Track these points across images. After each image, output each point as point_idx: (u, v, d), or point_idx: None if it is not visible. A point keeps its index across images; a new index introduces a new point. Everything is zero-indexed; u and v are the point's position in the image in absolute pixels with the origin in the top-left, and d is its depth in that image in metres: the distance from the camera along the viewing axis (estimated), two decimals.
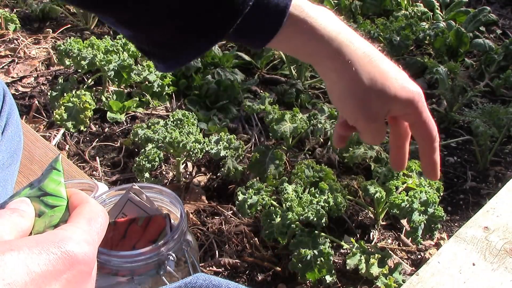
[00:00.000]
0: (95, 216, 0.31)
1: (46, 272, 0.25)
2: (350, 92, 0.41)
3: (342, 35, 0.40)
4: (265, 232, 0.90)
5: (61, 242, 0.27)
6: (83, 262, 0.27)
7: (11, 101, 0.67)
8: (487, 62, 1.62)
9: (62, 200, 0.33)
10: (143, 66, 1.42)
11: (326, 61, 0.41)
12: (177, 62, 0.42)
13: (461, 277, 0.83)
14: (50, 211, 0.32)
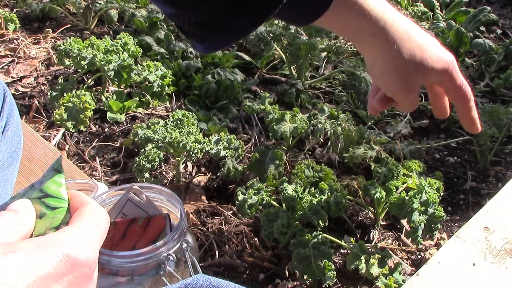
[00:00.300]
0: (96, 218, 0.31)
1: (48, 274, 0.25)
2: (392, 67, 0.44)
3: (387, 14, 0.44)
4: (265, 232, 0.90)
5: (63, 245, 0.27)
6: (84, 265, 0.27)
7: (11, 101, 0.67)
8: (487, 62, 1.62)
9: (63, 201, 0.33)
10: (143, 66, 1.41)
11: (370, 39, 0.44)
12: (216, 43, 0.42)
13: (461, 277, 0.83)
14: (51, 213, 0.32)
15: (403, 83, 0.46)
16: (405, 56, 0.44)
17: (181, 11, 0.41)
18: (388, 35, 0.44)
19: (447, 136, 1.37)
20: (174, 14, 0.42)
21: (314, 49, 1.44)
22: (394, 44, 0.44)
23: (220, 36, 0.41)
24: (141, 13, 1.79)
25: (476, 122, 0.53)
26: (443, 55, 0.47)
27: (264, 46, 1.50)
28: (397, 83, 0.46)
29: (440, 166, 1.26)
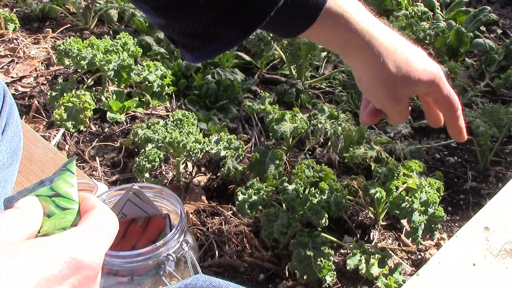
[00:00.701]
0: (104, 221, 0.30)
1: (51, 276, 0.25)
2: (378, 80, 0.45)
3: (373, 28, 0.44)
4: (265, 232, 0.90)
5: (68, 247, 0.27)
6: (88, 267, 0.27)
7: (11, 101, 0.67)
8: (487, 62, 1.62)
9: (74, 203, 0.33)
10: (143, 66, 1.41)
11: (357, 52, 0.45)
12: (205, 54, 0.43)
13: (461, 277, 0.83)
14: (61, 213, 0.32)
15: (390, 95, 0.47)
16: (391, 69, 0.45)
17: (172, 22, 0.41)
18: (374, 49, 0.44)
19: (447, 136, 1.37)
20: (164, 24, 0.42)
21: (314, 49, 1.44)
22: (380, 57, 0.44)
23: (210, 47, 0.42)
24: (141, 13, 1.79)
25: (463, 131, 0.54)
26: (429, 67, 0.48)
27: (264, 46, 1.50)
28: (385, 94, 0.47)
29: (440, 166, 1.26)
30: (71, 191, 0.33)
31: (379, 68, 0.45)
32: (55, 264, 0.25)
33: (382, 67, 0.45)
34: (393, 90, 0.46)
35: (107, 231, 0.30)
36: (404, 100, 0.48)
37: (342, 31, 0.43)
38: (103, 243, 0.29)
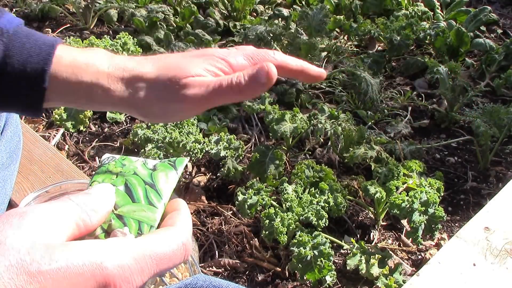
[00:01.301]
0: (167, 245, 0.28)
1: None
2: (164, 93, 0.39)
3: (110, 66, 0.39)
4: (265, 232, 0.89)
5: (104, 259, 0.25)
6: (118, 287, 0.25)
7: None
8: (487, 62, 1.62)
9: (161, 202, 0.32)
10: None
11: (115, 94, 0.39)
12: None
13: (461, 277, 0.83)
14: (146, 206, 0.31)
15: (186, 95, 0.38)
16: (161, 79, 0.38)
17: None
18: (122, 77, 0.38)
19: (447, 136, 1.37)
20: None
21: (314, 49, 1.43)
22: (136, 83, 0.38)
23: None
24: (141, 13, 1.79)
25: (312, 68, 0.46)
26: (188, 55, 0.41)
27: (264, 45, 1.50)
28: (184, 97, 0.38)
29: (440, 166, 1.26)
30: (166, 189, 0.32)
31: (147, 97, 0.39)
32: (84, 280, 0.25)
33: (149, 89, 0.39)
34: (180, 91, 0.38)
35: (164, 258, 0.27)
36: (202, 75, 0.39)
37: (92, 81, 0.38)
38: (150, 269, 0.27)
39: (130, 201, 0.31)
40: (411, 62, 1.64)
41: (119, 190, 0.31)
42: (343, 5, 1.99)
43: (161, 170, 0.33)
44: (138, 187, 0.32)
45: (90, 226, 0.28)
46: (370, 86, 1.38)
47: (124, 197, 0.31)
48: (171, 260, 0.28)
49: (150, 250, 0.27)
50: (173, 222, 0.30)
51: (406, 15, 1.87)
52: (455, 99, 1.39)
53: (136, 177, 0.33)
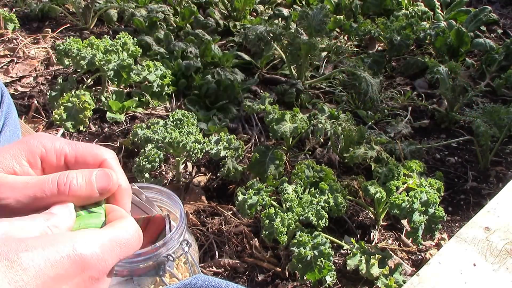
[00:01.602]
0: (126, 233, 0.30)
1: (57, 275, 0.25)
2: None
3: None
4: (265, 232, 0.89)
5: (76, 244, 0.27)
6: (94, 269, 0.27)
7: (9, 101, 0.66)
8: (488, 62, 1.62)
9: (100, 208, 0.33)
10: (143, 66, 1.41)
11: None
12: None
13: (461, 277, 0.83)
14: (87, 215, 0.32)
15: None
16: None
17: None
18: None
19: (447, 136, 1.37)
20: None
21: (314, 49, 1.43)
22: None
23: None
24: (141, 13, 1.79)
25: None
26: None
27: (264, 45, 1.50)
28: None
29: (440, 166, 1.26)
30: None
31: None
32: (63, 263, 0.26)
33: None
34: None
35: (125, 243, 0.30)
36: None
37: None
38: (116, 252, 0.29)
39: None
40: (411, 62, 1.64)
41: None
42: (343, 5, 1.99)
43: None
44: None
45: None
46: (370, 86, 1.37)
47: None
48: (131, 244, 0.31)
49: (113, 235, 0.30)
50: (121, 216, 0.32)
51: (406, 15, 1.87)
52: (455, 99, 1.39)
53: None
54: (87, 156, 0.34)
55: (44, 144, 0.33)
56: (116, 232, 0.30)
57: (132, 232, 0.31)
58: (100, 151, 0.34)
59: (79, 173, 0.32)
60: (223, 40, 1.80)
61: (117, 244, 0.29)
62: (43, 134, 0.34)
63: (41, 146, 0.33)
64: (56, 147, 0.34)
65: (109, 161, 0.34)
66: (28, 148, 0.33)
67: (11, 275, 0.24)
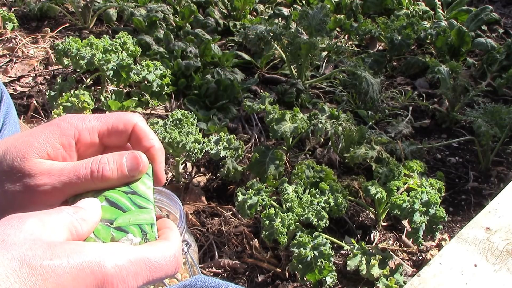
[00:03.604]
0: (159, 255, 0.29)
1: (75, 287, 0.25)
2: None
3: None
4: (265, 233, 0.89)
5: (103, 261, 0.26)
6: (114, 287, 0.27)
7: (8, 100, 0.66)
8: (489, 62, 1.61)
9: (150, 203, 0.33)
10: (142, 66, 1.41)
11: None
12: None
13: (462, 278, 0.82)
14: (138, 210, 0.32)
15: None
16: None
17: None
18: None
19: (448, 136, 1.36)
20: None
21: (315, 49, 1.43)
22: None
23: None
24: (140, 12, 1.78)
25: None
26: None
27: (264, 45, 1.49)
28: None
29: (441, 166, 1.25)
30: (148, 192, 0.34)
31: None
32: (84, 278, 0.25)
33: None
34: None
35: (157, 268, 0.29)
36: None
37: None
38: (143, 275, 0.28)
39: (121, 212, 0.32)
40: (412, 61, 1.64)
41: (104, 206, 0.32)
42: (344, 4, 1.98)
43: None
44: (121, 198, 0.33)
45: (81, 234, 0.29)
46: (371, 86, 1.37)
47: (113, 211, 0.32)
48: (164, 269, 0.29)
49: (146, 256, 0.28)
50: (166, 237, 0.32)
51: (407, 15, 1.86)
52: (456, 99, 1.38)
53: (115, 191, 0.33)
54: (118, 125, 0.34)
55: (76, 125, 0.34)
56: (151, 253, 0.29)
57: (168, 256, 0.30)
58: (128, 116, 0.35)
59: (110, 158, 0.33)
60: (223, 39, 1.79)
61: (147, 267, 0.28)
62: (70, 116, 0.35)
63: (73, 128, 0.33)
64: (87, 125, 0.34)
65: (139, 125, 0.35)
66: (61, 131, 0.33)
67: (30, 283, 0.24)
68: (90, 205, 0.31)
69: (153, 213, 0.33)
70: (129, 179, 0.33)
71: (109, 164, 0.32)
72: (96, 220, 0.30)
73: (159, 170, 0.35)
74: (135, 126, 0.35)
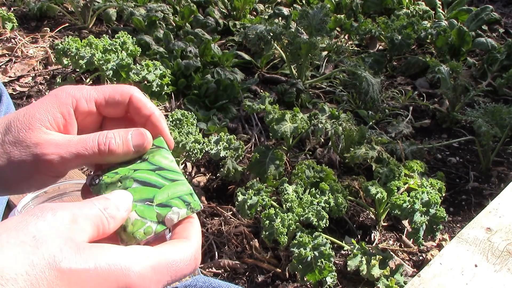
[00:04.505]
0: (180, 257, 0.29)
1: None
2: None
3: None
4: (265, 233, 0.89)
5: (129, 270, 0.26)
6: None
7: (8, 100, 0.66)
8: (489, 61, 1.61)
9: (180, 175, 0.34)
10: (142, 65, 1.40)
11: None
12: None
13: (463, 278, 0.82)
14: (172, 184, 0.33)
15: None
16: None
17: None
18: None
19: (449, 136, 1.36)
20: None
21: (315, 48, 1.43)
22: None
23: None
24: (140, 12, 1.78)
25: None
26: None
27: (264, 45, 1.49)
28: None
29: (442, 166, 1.25)
30: (173, 165, 0.34)
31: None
32: (108, 285, 0.26)
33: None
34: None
35: (178, 270, 0.29)
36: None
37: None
38: (164, 279, 0.28)
39: (156, 190, 0.33)
40: (412, 61, 1.63)
41: (137, 188, 0.33)
42: (344, 4, 1.98)
43: (154, 155, 0.35)
44: (151, 176, 0.33)
45: (107, 230, 0.29)
46: (371, 86, 1.37)
47: (148, 190, 0.33)
48: (183, 271, 0.30)
49: (168, 262, 0.29)
50: (188, 235, 0.32)
51: (407, 14, 1.86)
52: (457, 98, 1.38)
53: (139, 171, 0.34)
54: (115, 95, 0.35)
55: (73, 94, 0.34)
56: (172, 256, 0.29)
57: (188, 258, 0.30)
58: (125, 88, 0.36)
59: (116, 133, 0.34)
60: (222, 39, 1.79)
61: (168, 272, 0.29)
62: (67, 86, 0.36)
63: (71, 97, 0.34)
64: (85, 94, 0.35)
65: (136, 95, 0.35)
66: (59, 101, 0.34)
67: (56, 286, 0.24)
68: (122, 201, 0.31)
69: (187, 183, 0.34)
70: (134, 155, 0.34)
71: (115, 138, 0.33)
72: (124, 217, 0.30)
73: (166, 135, 0.36)
74: (132, 97, 0.35)
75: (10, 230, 0.25)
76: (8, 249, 0.24)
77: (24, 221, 0.25)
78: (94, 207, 0.29)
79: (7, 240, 0.24)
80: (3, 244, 0.24)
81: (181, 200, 0.32)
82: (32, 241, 0.25)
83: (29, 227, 0.25)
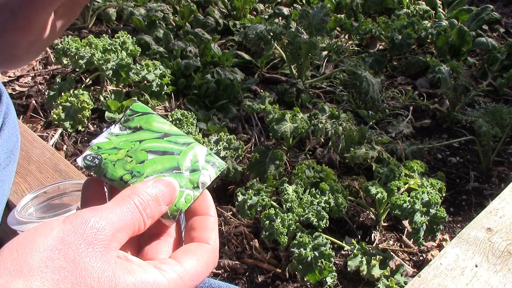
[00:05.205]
0: (201, 264, 0.30)
1: None
2: None
3: None
4: (265, 233, 0.89)
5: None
6: None
7: (7, 100, 0.66)
8: (490, 61, 1.61)
9: (188, 137, 0.33)
10: (142, 65, 1.40)
11: None
12: None
13: (463, 278, 0.82)
14: (188, 147, 0.32)
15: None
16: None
17: None
18: None
19: (449, 136, 1.36)
20: None
21: (315, 48, 1.42)
22: None
23: None
24: (140, 12, 1.78)
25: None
26: None
27: (264, 45, 1.49)
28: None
29: (442, 166, 1.25)
30: (175, 128, 0.33)
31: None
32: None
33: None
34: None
35: (198, 277, 0.30)
36: None
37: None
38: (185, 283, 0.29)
39: (176, 157, 0.31)
40: (413, 61, 1.63)
41: (156, 159, 0.31)
42: (344, 4, 1.98)
43: (148, 122, 0.33)
44: (162, 145, 0.32)
45: (142, 230, 0.29)
46: (371, 86, 1.37)
47: (169, 159, 0.32)
48: (203, 277, 0.31)
49: (191, 275, 0.29)
50: (208, 237, 0.32)
51: (408, 14, 1.86)
52: (457, 98, 1.38)
53: (147, 141, 0.32)
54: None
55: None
56: (198, 268, 0.30)
57: (210, 264, 0.31)
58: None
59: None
60: (222, 39, 1.79)
61: (193, 281, 0.29)
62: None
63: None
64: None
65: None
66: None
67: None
68: (168, 193, 0.30)
69: (199, 143, 0.33)
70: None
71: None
72: (164, 211, 0.30)
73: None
74: None
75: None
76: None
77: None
78: (135, 211, 0.28)
79: None
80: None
81: (205, 161, 0.32)
82: (72, 264, 0.25)
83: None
